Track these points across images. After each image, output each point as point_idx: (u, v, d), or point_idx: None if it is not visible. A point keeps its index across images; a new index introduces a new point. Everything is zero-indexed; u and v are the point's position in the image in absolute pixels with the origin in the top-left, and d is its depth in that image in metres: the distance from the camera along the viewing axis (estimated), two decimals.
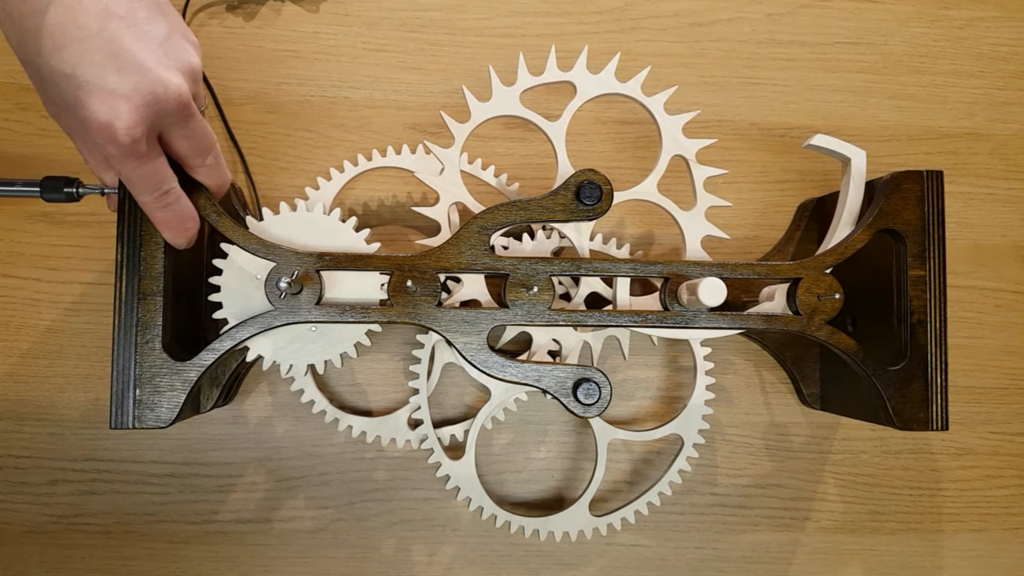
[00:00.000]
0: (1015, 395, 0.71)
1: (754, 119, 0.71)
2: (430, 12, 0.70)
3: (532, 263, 0.52)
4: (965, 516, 0.71)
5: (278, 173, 0.68)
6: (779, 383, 0.70)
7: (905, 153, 0.72)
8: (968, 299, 0.71)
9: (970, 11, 0.73)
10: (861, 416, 0.61)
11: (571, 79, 0.57)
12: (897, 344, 0.57)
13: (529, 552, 0.68)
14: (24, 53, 0.42)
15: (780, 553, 0.70)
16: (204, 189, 0.49)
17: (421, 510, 0.67)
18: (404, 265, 0.52)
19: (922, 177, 0.56)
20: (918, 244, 0.56)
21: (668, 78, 0.70)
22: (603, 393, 0.51)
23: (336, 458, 0.67)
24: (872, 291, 0.59)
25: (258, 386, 0.67)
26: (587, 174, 0.52)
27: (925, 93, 0.72)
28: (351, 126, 0.68)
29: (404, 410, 0.62)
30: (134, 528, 0.65)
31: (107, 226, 0.66)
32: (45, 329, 0.66)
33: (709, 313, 0.54)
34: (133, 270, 0.50)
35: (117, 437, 0.66)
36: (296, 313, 0.51)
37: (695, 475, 0.69)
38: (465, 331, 0.52)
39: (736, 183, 0.70)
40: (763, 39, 0.72)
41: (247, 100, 0.68)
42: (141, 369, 0.50)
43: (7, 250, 0.66)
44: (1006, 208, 0.72)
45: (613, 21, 0.71)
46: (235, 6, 0.68)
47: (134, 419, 0.50)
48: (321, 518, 0.67)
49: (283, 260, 0.51)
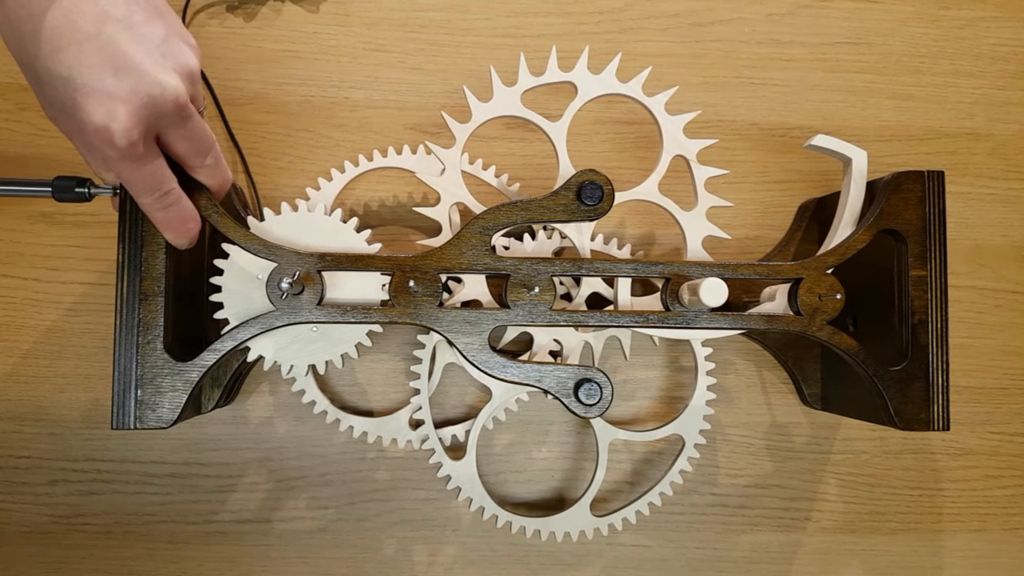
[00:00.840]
0: (1015, 395, 0.71)
1: (754, 119, 0.71)
2: (430, 12, 0.70)
3: (533, 263, 0.52)
4: (965, 516, 0.71)
5: (278, 173, 0.68)
6: (780, 383, 0.70)
7: (905, 153, 0.72)
8: (968, 299, 0.71)
9: (970, 11, 0.73)
10: (862, 416, 0.61)
11: (572, 79, 0.57)
12: (898, 344, 0.57)
13: (529, 552, 0.68)
14: (22, 56, 0.42)
15: (780, 553, 0.70)
16: (205, 189, 0.49)
17: (421, 510, 0.67)
18: (405, 265, 0.52)
19: (923, 177, 0.56)
20: (919, 244, 0.56)
21: (668, 78, 0.70)
22: (604, 393, 0.51)
23: (336, 458, 0.67)
24: (873, 291, 0.59)
25: (259, 386, 0.67)
26: (588, 174, 0.52)
27: (925, 93, 0.72)
28: (351, 126, 0.68)
29: (405, 410, 0.62)
30: (134, 528, 0.65)
31: (107, 226, 0.66)
32: (45, 329, 0.66)
33: (710, 313, 0.54)
34: (134, 271, 0.50)
35: (117, 437, 0.66)
36: (297, 313, 0.51)
37: (696, 475, 0.69)
38: (466, 331, 0.52)
39: (736, 183, 0.70)
40: (763, 39, 0.72)
41: (247, 100, 0.68)
42: (143, 370, 0.50)
43: (7, 250, 0.66)
44: (1006, 208, 0.72)
45: (613, 21, 0.71)
46: (235, 6, 0.68)
47: (135, 419, 0.50)
48: (321, 518, 0.67)
49: (284, 260, 0.51)
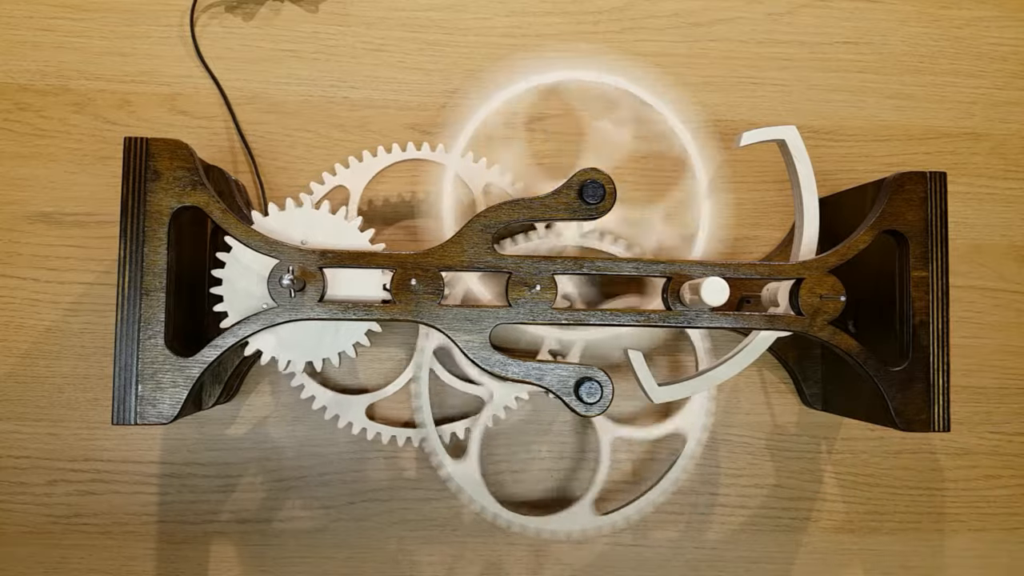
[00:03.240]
0: (1014, 395, 0.71)
1: (754, 119, 0.71)
2: (430, 12, 0.70)
3: (534, 262, 0.52)
4: (965, 516, 0.71)
5: (277, 173, 0.68)
6: (780, 383, 0.70)
7: (904, 153, 0.72)
8: (968, 299, 0.71)
9: (970, 11, 0.73)
10: (862, 417, 0.61)
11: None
12: (899, 345, 0.57)
13: (529, 552, 0.68)
14: None
15: (780, 553, 0.70)
16: (209, 185, 0.49)
17: (421, 510, 0.67)
18: (407, 263, 0.51)
19: (925, 178, 0.56)
20: (921, 245, 0.56)
21: (668, 78, 0.70)
22: (605, 392, 0.51)
23: (336, 458, 0.67)
24: (874, 292, 0.59)
25: (258, 386, 0.66)
26: (590, 173, 0.52)
27: (925, 93, 0.73)
28: (351, 126, 0.68)
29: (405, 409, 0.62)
30: (133, 528, 0.65)
31: (106, 226, 0.66)
32: (44, 329, 0.65)
33: (711, 313, 0.54)
34: (136, 266, 0.50)
35: (116, 437, 0.65)
36: (299, 310, 0.51)
37: (696, 475, 0.69)
38: (467, 329, 0.52)
39: (736, 183, 0.70)
40: (763, 39, 0.72)
41: (247, 100, 0.68)
42: (143, 365, 0.50)
43: (6, 250, 0.65)
44: (1006, 208, 0.72)
45: (613, 21, 0.71)
46: (235, 6, 0.68)
47: (136, 415, 0.49)
48: (321, 518, 0.66)
49: (286, 257, 0.51)
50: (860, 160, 0.71)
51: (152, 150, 0.51)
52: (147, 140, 0.51)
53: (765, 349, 0.54)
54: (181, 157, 0.51)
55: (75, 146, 0.66)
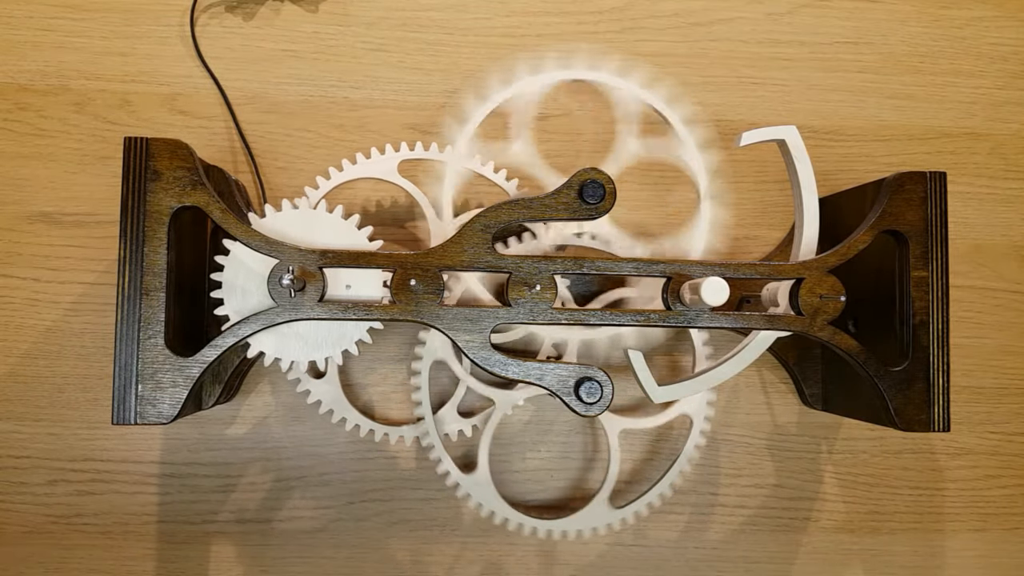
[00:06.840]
0: (1014, 395, 0.71)
1: (754, 119, 0.71)
2: (430, 12, 0.70)
3: (534, 262, 0.52)
4: (965, 516, 0.71)
5: (277, 173, 0.68)
6: (780, 383, 0.70)
7: (904, 153, 0.72)
8: (968, 299, 0.71)
9: (970, 11, 0.73)
10: (862, 417, 0.61)
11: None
12: (899, 345, 0.57)
13: (529, 552, 0.68)
14: None
15: (780, 553, 0.70)
16: (209, 185, 0.49)
17: (421, 510, 0.67)
18: (407, 263, 0.51)
19: (925, 178, 0.56)
20: (921, 245, 0.56)
21: (668, 78, 0.70)
22: (605, 392, 0.51)
23: (336, 458, 0.67)
24: (874, 292, 0.59)
25: (258, 386, 0.66)
26: (590, 173, 0.52)
27: (925, 93, 0.73)
28: (351, 126, 0.68)
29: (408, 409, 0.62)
30: (134, 528, 0.65)
31: (106, 226, 0.66)
32: (44, 329, 0.65)
33: (711, 313, 0.54)
34: (136, 266, 0.50)
35: (116, 437, 0.65)
36: (299, 310, 0.51)
37: (696, 475, 0.69)
38: (467, 329, 0.52)
39: (736, 183, 0.70)
40: (763, 39, 0.72)
41: (247, 100, 0.68)
42: (143, 365, 0.50)
43: (6, 250, 0.65)
44: (1006, 208, 0.72)
45: (613, 21, 0.71)
46: (235, 6, 0.68)
47: (136, 415, 0.49)
48: (320, 518, 0.66)
49: (286, 257, 0.51)
50: (860, 160, 0.71)
51: (152, 150, 0.51)
52: (147, 140, 0.50)
53: (765, 349, 0.54)
54: (181, 157, 0.51)
55: (75, 146, 0.66)
